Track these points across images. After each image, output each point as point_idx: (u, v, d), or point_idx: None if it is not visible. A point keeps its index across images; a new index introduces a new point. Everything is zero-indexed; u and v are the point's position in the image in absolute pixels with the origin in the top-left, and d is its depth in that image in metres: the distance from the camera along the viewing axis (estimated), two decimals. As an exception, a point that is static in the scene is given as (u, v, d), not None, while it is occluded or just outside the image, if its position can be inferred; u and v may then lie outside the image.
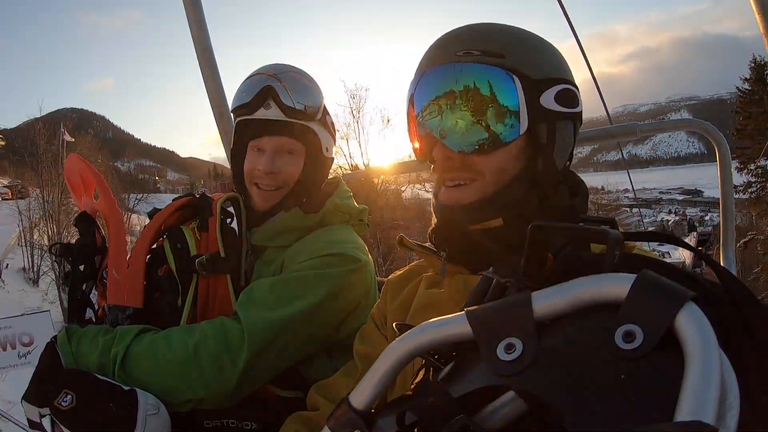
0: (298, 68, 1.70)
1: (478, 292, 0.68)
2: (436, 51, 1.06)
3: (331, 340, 1.57)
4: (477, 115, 0.98)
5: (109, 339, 1.40)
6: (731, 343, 0.51)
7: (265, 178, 1.65)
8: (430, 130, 1.02)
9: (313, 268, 1.52)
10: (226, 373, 1.37)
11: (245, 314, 1.42)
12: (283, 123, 1.61)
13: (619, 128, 2.44)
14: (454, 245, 1.10)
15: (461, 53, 1.00)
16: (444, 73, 1.01)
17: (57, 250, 1.66)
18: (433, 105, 1.02)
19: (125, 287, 1.56)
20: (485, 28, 1.05)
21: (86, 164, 1.77)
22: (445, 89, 1.00)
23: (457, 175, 1.05)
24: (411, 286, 1.26)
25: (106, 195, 1.69)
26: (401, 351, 0.64)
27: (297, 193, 1.68)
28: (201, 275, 1.57)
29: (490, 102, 0.98)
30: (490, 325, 0.58)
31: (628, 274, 0.53)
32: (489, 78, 0.98)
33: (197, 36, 2.53)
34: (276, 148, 1.64)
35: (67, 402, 1.25)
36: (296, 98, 1.61)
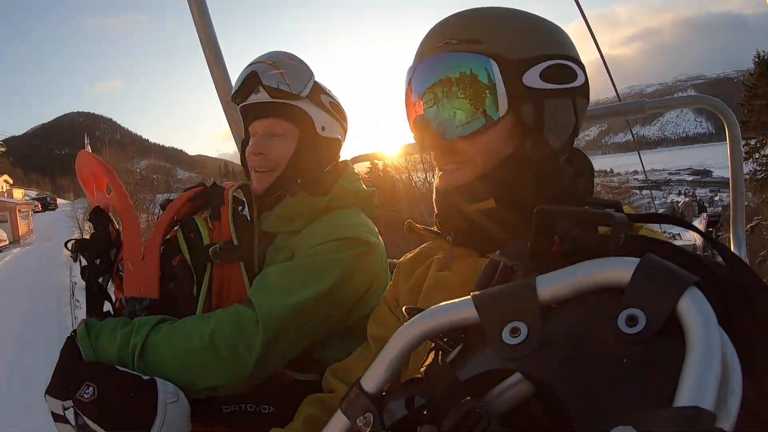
0: (284, 52, 1.72)
1: (485, 275, 0.69)
2: (421, 45, 1.09)
3: (344, 323, 1.59)
4: (457, 103, 1.00)
5: (127, 331, 1.43)
6: (737, 328, 0.51)
7: (254, 159, 1.67)
8: (421, 120, 1.06)
9: (325, 252, 1.53)
10: (242, 360, 1.40)
11: (259, 301, 1.44)
12: (270, 104, 1.64)
13: (627, 105, 2.41)
14: (457, 229, 1.11)
15: (441, 44, 1.03)
16: (426, 66, 1.05)
17: (73, 246, 1.70)
18: (422, 97, 1.05)
19: (141, 279, 1.59)
20: (465, 15, 1.06)
21: (97, 160, 1.79)
22: (429, 82, 1.03)
23: (449, 160, 1.07)
24: (422, 269, 1.28)
25: (118, 189, 1.71)
26: (410, 335, 0.66)
27: (291, 173, 1.69)
28: (215, 263, 1.61)
29: (468, 88, 1.00)
30: (496, 309, 0.60)
31: (632, 258, 0.54)
32: (465, 65, 1.00)
33: (200, 24, 2.50)
34: (265, 130, 1.67)
35: (89, 394, 1.28)
36: (280, 79, 1.63)
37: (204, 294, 1.58)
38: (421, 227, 1.26)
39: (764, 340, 0.53)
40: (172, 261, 1.66)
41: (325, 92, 1.75)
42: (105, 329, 1.44)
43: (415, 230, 1.27)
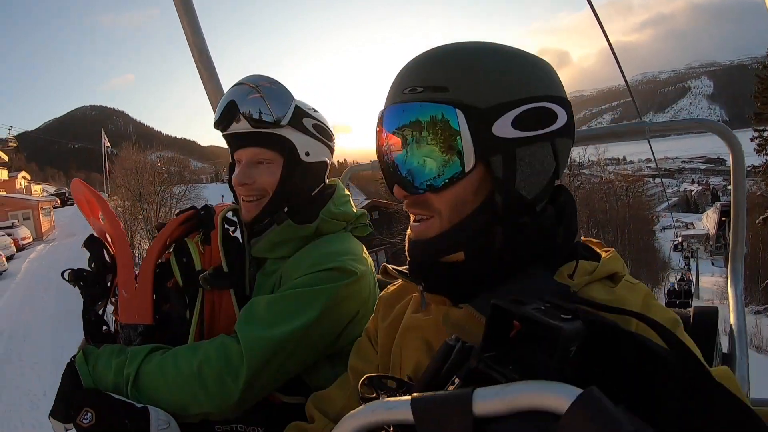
0: (264, 77, 1.70)
1: (439, 357, 0.72)
2: (391, 89, 1.03)
3: (331, 348, 1.61)
4: (421, 154, 0.96)
5: (121, 360, 1.48)
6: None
7: (241, 189, 1.69)
8: (386, 168, 1.02)
9: (310, 284, 1.54)
10: (228, 390, 1.44)
11: (244, 334, 1.48)
12: (252, 134, 1.64)
13: (627, 126, 2.37)
14: (428, 277, 1.08)
15: (407, 91, 0.98)
16: (392, 113, 0.99)
17: (69, 276, 1.72)
18: (386, 144, 1.01)
19: (135, 306, 1.63)
20: (434, 59, 1.00)
21: (89, 189, 1.81)
22: (393, 129, 0.99)
23: (416, 211, 1.04)
24: (400, 306, 1.27)
25: (110, 217, 1.74)
26: (353, 425, 0.69)
27: (277, 201, 1.69)
28: (205, 289, 1.64)
29: (432, 140, 0.95)
30: (431, 416, 0.62)
31: (572, 388, 0.53)
32: (430, 115, 0.94)
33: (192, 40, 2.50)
34: (250, 159, 1.67)
35: (87, 419, 1.35)
36: (262, 109, 1.62)
37: (196, 318, 1.62)
38: (396, 271, 1.22)
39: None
40: (166, 284, 1.69)
41: (308, 115, 1.73)
42: (102, 357, 1.50)
43: (390, 273, 1.25)
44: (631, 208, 53.24)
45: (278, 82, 1.69)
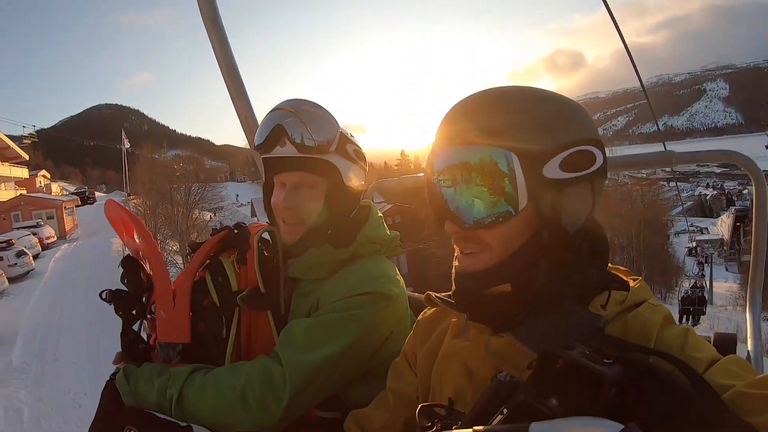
0: (309, 101, 1.72)
1: (490, 393, 0.80)
2: (446, 128, 1.10)
3: (366, 367, 1.65)
4: (478, 193, 1.02)
5: (164, 381, 1.51)
6: None
7: (285, 212, 1.69)
8: (442, 202, 1.07)
9: (347, 308, 1.58)
10: (271, 411, 1.48)
11: (286, 357, 1.51)
12: (298, 159, 1.65)
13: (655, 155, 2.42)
14: (472, 308, 1.14)
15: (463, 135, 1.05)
16: (450, 153, 1.06)
17: (107, 296, 1.72)
18: (443, 179, 1.06)
19: (173, 325, 1.65)
20: (487, 103, 1.08)
21: (124, 209, 1.83)
22: (451, 168, 1.05)
23: (467, 245, 1.09)
24: (439, 331, 1.33)
25: (146, 238, 1.75)
26: None
27: (321, 225, 1.72)
28: (242, 310, 1.66)
29: (489, 180, 1.01)
30: None
31: (616, 424, 0.63)
32: (488, 157, 1.00)
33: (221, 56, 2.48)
34: (295, 184, 1.69)
35: None
36: (307, 134, 1.64)
37: (233, 338, 1.65)
38: (439, 299, 1.29)
39: None
40: (202, 302, 1.70)
41: (349, 141, 1.76)
42: (143, 377, 1.53)
43: (434, 301, 1.32)
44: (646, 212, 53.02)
45: (322, 106, 1.73)
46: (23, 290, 27.10)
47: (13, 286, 27.28)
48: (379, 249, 1.78)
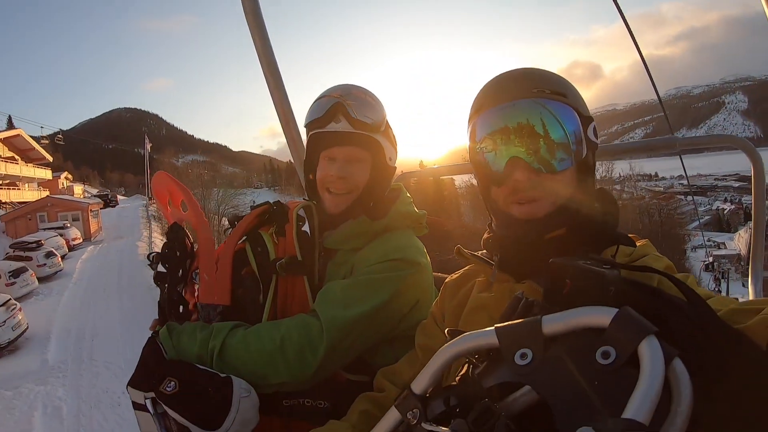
0: (362, 87, 1.87)
1: (510, 308, 0.94)
2: (509, 86, 1.24)
3: (393, 332, 1.74)
4: (555, 142, 1.17)
5: (206, 334, 1.61)
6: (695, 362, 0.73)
7: (337, 182, 1.82)
8: (514, 152, 1.19)
9: (380, 271, 1.69)
10: (307, 362, 1.56)
11: (323, 312, 1.61)
12: (352, 134, 1.79)
13: (658, 141, 2.49)
14: (510, 253, 1.29)
15: (536, 90, 1.20)
16: (525, 104, 1.19)
17: (154, 258, 1.87)
18: (515, 131, 1.18)
19: (215, 288, 1.76)
20: (546, 72, 1.27)
21: (174, 180, 1.96)
22: (527, 118, 1.17)
23: (532, 193, 1.20)
24: (465, 289, 1.45)
25: (194, 207, 1.88)
26: (450, 353, 0.92)
27: (364, 198, 1.86)
28: (280, 276, 1.77)
29: (561, 132, 1.17)
30: (511, 338, 0.83)
31: (613, 308, 0.76)
32: (560, 112, 1.17)
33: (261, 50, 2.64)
34: (346, 157, 1.81)
35: (171, 387, 1.45)
36: (362, 113, 1.78)
37: (270, 302, 1.76)
38: (469, 253, 1.44)
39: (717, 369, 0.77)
40: (241, 271, 1.82)
41: (390, 126, 1.93)
42: (185, 332, 1.64)
43: (463, 254, 1.46)
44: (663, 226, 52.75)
45: (371, 92, 1.88)
46: (52, 290, 27.58)
47: (42, 286, 27.76)
48: (409, 224, 1.91)
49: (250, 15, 2.54)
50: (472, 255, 1.42)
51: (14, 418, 14.44)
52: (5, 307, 19.99)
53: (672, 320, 0.81)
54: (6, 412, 14.71)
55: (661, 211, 58.19)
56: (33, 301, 25.31)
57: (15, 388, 16.01)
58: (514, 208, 1.23)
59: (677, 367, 0.70)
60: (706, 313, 0.84)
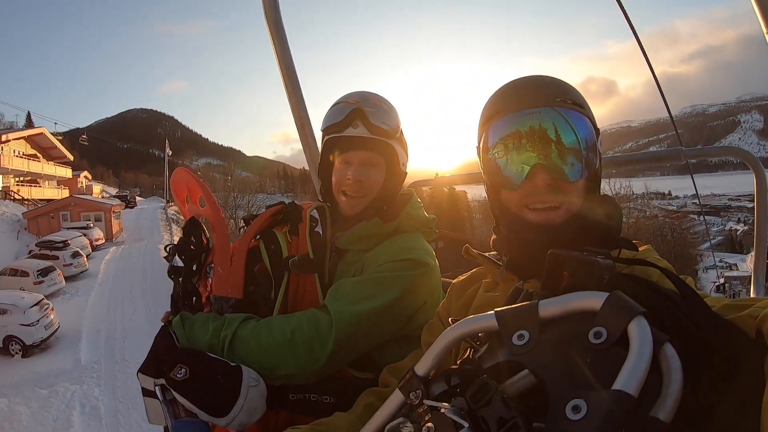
0: (378, 94, 1.93)
1: (510, 298, 1.02)
2: (531, 93, 1.27)
3: (401, 331, 1.78)
4: (576, 152, 1.21)
5: (218, 324, 1.66)
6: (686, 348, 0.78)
7: (353, 186, 1.86)
8: (538, 159, 1.21)
9: (390, 270, 1.74)
10: (315, 355, 1.61)
11: (333, 307, 1.66)
12: (369, 140, 1.85)
13: (664, 152, 2.54)
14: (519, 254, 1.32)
15: (558, 100, 1.24)
16: (549, 113, 1.22)
17: (171, 250, 1.93)
18: (539, 138, 1.22)
19: (228, 282, 1.81)
20: (558, 82, 1.31)
21: (193, 176, 2.01)
22: (551, 127, 1.21)
23: (550, 199, 1.23)
24: (471, 290, 1.50)
25: (212, 203, 1.93)
26: (452, 336, 0.97)
27: (378, 201, 1.91)
28: (292, 273, 1.82)
29: (581, 143, 1.21)
30: (509, 321, 0.89)
31: (604, 293, 0.81)
32: (581, 124, 1.22)
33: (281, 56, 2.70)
34: (362, 161, 1.87)
35: (181, 374, 1.48)
36: (379, 119, 1.84)
37: (281, 298, 1.80)
38: (476, 252, 1.47)
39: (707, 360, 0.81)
40: (254, 267, 1.87)
41: (403, 133, 1.98)
42: (198, 321, 1.68)
43: (470, 254, 1.49)
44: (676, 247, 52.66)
45: (387, 99, 1.94)
46: (79, 290, 28.13)
47: (68, 286, 28.30)
48: (418, 227, 1.96)
49: (272, 22, 2.60)
50: (480, 254, 1.46)
51: (52, 416, 14.92)
52: (38, 306, 20.75)
53: (664, 309, 0.87)
54: (43, 410, 15.22)
55: (674, 231, 58.03)
56: (60, 300, 25.78)
57: (50, 386, 16.54)
58: (530, 213, 1.26)
59: (668, 350, 0.75)
60: (698, 304, 0.90)
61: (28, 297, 21.38)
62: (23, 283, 26.27)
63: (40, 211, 43.49)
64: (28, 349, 19.90)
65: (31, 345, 19.88)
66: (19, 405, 15.65)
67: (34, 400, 15.92)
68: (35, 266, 27.44)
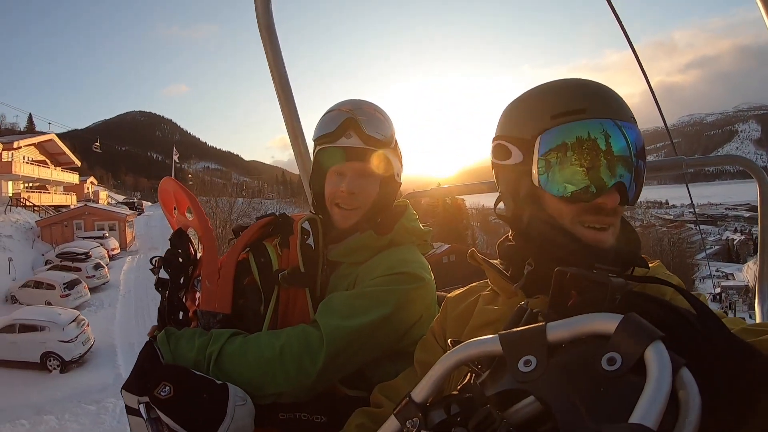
0: (372, 103, 1.87)
1: (514, 318, 0.92)
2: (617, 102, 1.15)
3: (395, 347, 1.72)
4: (641, 174, 1.13)
5: (204, 340, 1.59)
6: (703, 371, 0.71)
7: (347, 198, 1.81)
8: (622, 178, 1.11)
9: (384, 284, 1.68)
10: (305, 372, 1.54)
11: (324, 322, 1.59)
12: (363, 150, 1.79)
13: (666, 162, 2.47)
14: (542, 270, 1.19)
15: (629, 117, 1.14)
16: (635, 131, 1.12)
17: (157, 262, 1.85)
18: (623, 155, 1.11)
19: (216, 296, 1.74)
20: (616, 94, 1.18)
21: (181, 186, 1.94)
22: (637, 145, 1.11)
23: (608, 220, 1.15)
24: (468, 304, 1.43)
25: (199, 214, 1.86)
26: (452, 360, 0.88)
27: (372, 213, 1.85)
28: (282, 287, 1.75)
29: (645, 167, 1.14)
30: (515, 345, 0.81)
31: (618, 314, 0.74)
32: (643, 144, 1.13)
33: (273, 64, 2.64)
34: (356, 172, 1.81)
35: (165, 392, 1.41)
36: (373, 129, 1.78)
37: (270, 313, 1.74)
38: (482, 257, 1.39)
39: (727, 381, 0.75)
40: (243, 281, 1.81)
41: (397, 142, 1.92)
42: (183, 337, 1.62)
43: (476, 258, 1.42)
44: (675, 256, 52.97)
45: (381, 108, 1.87)
46: (103, 302, 28.33)
47: (92, 298, 28.50)
48: (414, 240, 1.90)
49: (264, 30, 2.55)
50: (485, 260, 1.38)
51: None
52: (76, 323, 21.12)
53: (680, 330, 0.81)
54: (95, 426, 15.47)
55: (671, 240, 58.52)
56: (86, 312, 25.66)
57: (97, 402, 16.81)
58: (584, 231, 1.17)
59: (685, 376, 0.68)
60: (717, 325, 0.84)
61: (64, 314, 21.67)
62: (49, 296, 26.56)
63: (54, 220, 43.58)
64: (67, 365, 20.10)
65: (69, 361, 20.10)
66: (69, 422, 15.84)
67: (84, 416, 16.12)
68: (61, 279, 27.63)
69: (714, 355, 0.79)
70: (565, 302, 0.90)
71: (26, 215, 44.62)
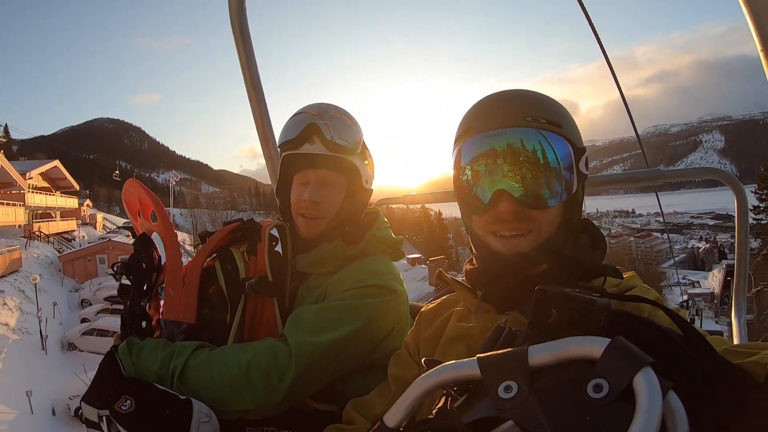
0: (339, 107, 1.80)
1: (491, 338, 0.85)
2: (500, 112, 1.16)
3: (366, 360, 1.67)
4: (545, 176, 1.10)
5: (168, 353, 1.52)
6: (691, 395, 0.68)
7: (310, 207, 1.75)
8: (501, 184, 1.11)
9: (355, 297, 1.63)
10: (273, 388, 1.49)
11: (293, 338, 1.54)
12: (326, 157, 1.72)
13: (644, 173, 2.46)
14: (493, 288, 1.20)
15: (530, 119, 1.12)
16: (517, 134, 1.11)
17: (119, 268, 1.74)
18: (504, 162, 1.11)
19: (180, 305, 1.67)
20: (539, 98, 1.18)
21: (145, 189, 1.86)
22: (517, 149, 1.10)
23: (516, 226, 1.13)
24: (442, 319, 1.38)
25: (164, 219, 1.79)
26: (427, 384, 0.82)
27: (339, 222, 1.79)
28: (250, 296, 1.69)
29: (554, 165, 1.10)
30: (495, 369, 0.76)
31: (604, 338, 0.70)
32: (554, 144, 1.10)
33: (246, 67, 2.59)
34: (320, 180, 1.75)
35: (126, 406, 1.35)
36: (338, 135, 1.71)
37: (237, 323, 1.67)
38: (451, 278, 1.36)
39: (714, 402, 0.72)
40: (208, 289, 1.73)
41: (367, 147, 1.86)
42: (146, 348, 1.55)
43: (444, 279, 1.38)
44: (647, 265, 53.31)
45: (349, 113, 1.81)
46: None
47: None
48: (385, 249, 1.85)
49: (237, 27, 2.50)
50: (454, 280, 1.36)
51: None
52: None
53: (666, 352, 0.77)
54: None
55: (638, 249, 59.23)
56: None
57: None
58: (495, 241, 1.18)
59: (672, 401, 0.65)
60: (702, 345, 0.80)
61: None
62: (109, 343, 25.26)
63: (76, 255, 42.72)
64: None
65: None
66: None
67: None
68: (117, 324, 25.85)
69: (701, 376, 0.75)
70: (544, 320, 0.84)
71: (44, 249, 43.43)
